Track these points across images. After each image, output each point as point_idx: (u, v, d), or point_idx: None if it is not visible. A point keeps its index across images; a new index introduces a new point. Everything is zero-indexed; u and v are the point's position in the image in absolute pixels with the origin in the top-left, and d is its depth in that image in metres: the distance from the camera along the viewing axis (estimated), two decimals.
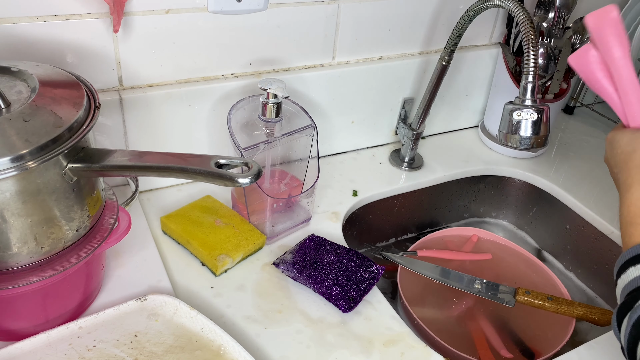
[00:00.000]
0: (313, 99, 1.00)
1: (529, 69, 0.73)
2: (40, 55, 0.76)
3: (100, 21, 0.78)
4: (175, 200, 0.93)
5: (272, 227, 0.88)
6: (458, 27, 0.89)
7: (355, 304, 0.78)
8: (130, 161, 0.60)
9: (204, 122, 0.93)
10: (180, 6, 0.82)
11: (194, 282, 0.80)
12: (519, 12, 0.74)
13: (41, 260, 0.62)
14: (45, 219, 0.60)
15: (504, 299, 0.89)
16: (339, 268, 0.83)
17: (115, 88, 0.85)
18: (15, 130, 0.55)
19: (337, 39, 0.97)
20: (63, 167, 0.59)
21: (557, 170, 1.14)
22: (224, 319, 0.75)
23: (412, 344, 0.75)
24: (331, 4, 0.93)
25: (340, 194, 1.01)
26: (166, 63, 0.86)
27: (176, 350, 0.67)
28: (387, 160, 1.11)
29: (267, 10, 0.87)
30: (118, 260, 0.80)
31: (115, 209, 0.71)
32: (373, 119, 1.10)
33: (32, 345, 0.65)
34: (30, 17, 0.74)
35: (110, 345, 0.67)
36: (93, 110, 0.63)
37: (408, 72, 1.07)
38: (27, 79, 0.63)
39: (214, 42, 0.87)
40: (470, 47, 1.12)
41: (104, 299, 0.74)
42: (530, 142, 0.74)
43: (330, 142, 1.08)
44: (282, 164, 0.94)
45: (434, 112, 1.14)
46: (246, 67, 0.92)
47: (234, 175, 0.57)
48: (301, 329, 0.75)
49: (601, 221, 1.02)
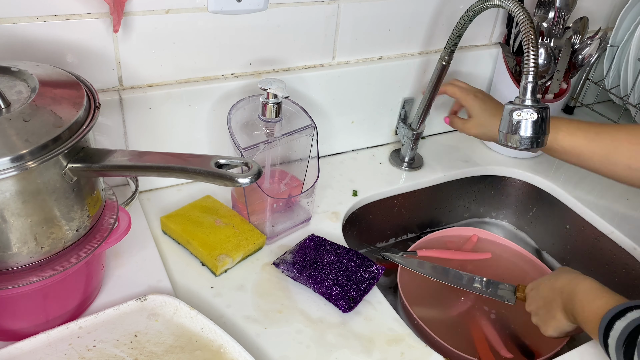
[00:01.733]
0: (313, 99, 1.00)
1: (529, 69, 0.72)
2: (40, 55, 0.76)
3: (100, 21, 0.78)
4: (175, 200, 0.93)
5: (272, 227, 0.88)
6: (458, 27, 0.89)
7: (355, 304, 0.78)
8: (130, 161, 0.60)
9: (204, 122, 0.93)
10: (180, 6, 0.82)
11: (194, 282, 0.80)
12: (519, 12, 0.74)
13: (41, 260, 0.62)
14: (45, 219, 0.60)
15: (504, 297, 0.90)
16: (339, 268, 0.83)
17: (115, 88, 0.85)
18: (15, 130, 0.55)
19: (337, 39, 0.97)
20: (63, 167, 0.59)
21: (557, 170, 1.14)
22: (224, 319, 0.75)
23: (412, 344, 0.75)
24: (331, 4, 0.93)
25: (340, 194, 1.01)
26: (166, 63, 0.86)
27: (176, 350, 0.67)
28: (387, 160, 1.11)
29: (267, 10, 0.87)
30: (118, 260, 0.80)
31: (115, 209, 0.71)
32: (373, 119, 1.10)
33: (32, 345, 0.65)
34: (30, 17, 0.74)
35: (110, 345, 0.67)
36: (93, 110, 0.63)
37: (408, 72, 1.07)
38: (27, 79, 0.63)
39: (214, 42, 0.87)
40: (470, 47, 1.12)
41: (104, 299, 0.74)
42: (530, 142, 0.74)
43: (330, 142, 1.08)
44: (282, 164, 0.94)
45: (434, 112, 1.14)
46: (246, 67, 0.92)
47: (234, 175, 0.57)
48: (301, 329, 0.75)
49: (601, 221, 1.02)
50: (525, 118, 0.73)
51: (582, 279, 0.75)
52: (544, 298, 0.80)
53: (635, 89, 1.20)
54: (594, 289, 0.73)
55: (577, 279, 0.76)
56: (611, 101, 1.33)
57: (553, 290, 0.79)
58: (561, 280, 0.78)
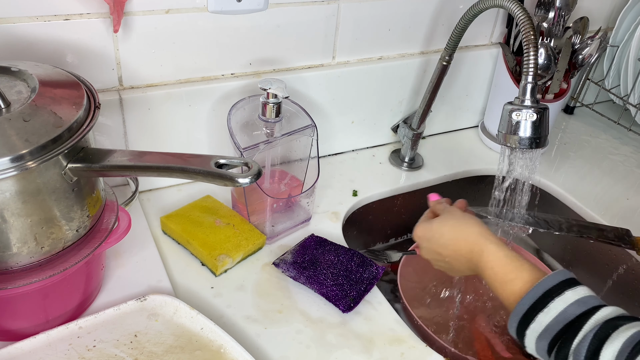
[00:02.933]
0: (313, 99, 1.00)
1: (529, 69, 0.72)
2: (40, 55, 0.76)
3: (100, 21, 0.78)
4: (175, 200, 0.93)
5: (272, 227, 0.88)
6: (458, 27, 0.89)
7: (355, 304, 0.78)
8: (130, 161, 0.60)
9: (204, 122, 0.93)
10: (180, 6, 0.82)
11: (194, 282, 0.80)
12: (519, 12, 0.74)
13: (41, 260, 0.62)
14: (45, 219, 0.60)
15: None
16: (339, 268, 0.83)
17: (115, 88, 0.85)
18: (15, 130, 0.55)
19: (337, 39, 0.97)
20: (63, 167, 0.59)
21: (557, 170, 1.14)
22: (224, 319, 0.75)
23: (412, 344, 0.75)
24: (331, 4, 0.93)
25: (340, 194, 1.01)
26: (166, 63, 0.86)
27: (176, 350, 0.67)
28: (387, 160, 1.11)
29: (267, 10, 0.87)
30: (118, 260, 0.80)
31: (115, 209, 0.71)
32: (373, 119, 1.10)
33: (32, 345, 0.65)
34: (30, 17, 0.74)
35: (110, 345, 0.67)
36: (93, 110, 0.63)
37: (408, 72, 1.07)
38: (27, 79, 0.63)
39: (214, 42, 0.87)
40: (470, 47, 1.12)
41: (104, 299, 0.74)
42: (529, 143, 0.74)
43: (330, 142, 1.08)
44: (282, 164, 0.94)
45: (434, 112, 1.14)
46: (246, 67, 0.92)
47: (234, 175, 0.57)
48: (301, 329, 0.75)
49: (601, 221, 1.02)
50: (524, 118, 0.73)
51: (484, 245, 0.70)
52: (446, 257, 0.75)
53: (635, 89, 1.20)
54: (501, 258, 0.68)
55: (479, 243, 0.71)
56: (611, 101, 1.33)
57: (457, 253, 0.74)
58: (462, 244, 0.73)
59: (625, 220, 1.01)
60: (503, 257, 0.69)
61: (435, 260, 0.78)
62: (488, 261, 0.69)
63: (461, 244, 0.73)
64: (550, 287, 0.61)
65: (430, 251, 0.78)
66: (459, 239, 0.74)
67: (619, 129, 1.26)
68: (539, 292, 0.62)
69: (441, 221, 0.77)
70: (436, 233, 0.77)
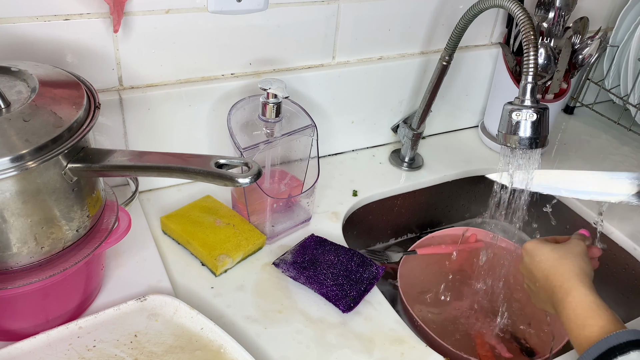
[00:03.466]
0: (313, 99, 1.00)
1: (529, 69, 0.72)
2: (40, 55, 0.76)
3: (100, 21, 0.78)
4: (175, 200, 0.93)
5: (272, 227, 0.88)
6: (458, 27, 0.89)
7: (355, 304, 0.78)
8: (130, 161, 0.60)
9: (203, 122, 0.93)
10: (180, 6, 0.82)
11: (194, 282, 0.80)
12: (519, 12, 0.74)
13: (41, 260, 0.62)
14: (45, 219, 0.60)
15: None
16: (339, 268, 0.83)
17: (115, 88, 0.85)
18: (15, 130, 0.55)
19: (337, 39, 0.97)
20: (63, 167, 0.59)
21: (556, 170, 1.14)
22: (224, 319, 0.75)
23: (412, 344, 0.75)
24: (331, 4, 0.93)
25: (340, 194, 1.01)
26: (166, 63, 0.86)
27: (176, 351, 0.67)
28: (387, 160, 1.11)
29: (267, 10, 0.87)
30: (118, 260, 0.80)
31: (115, 209, 0.71)
32: (373, 119, 1.10)
33: (32, 345, 0.65)
34: (30, 17, 0.74)
35: (110, 345, 0.67)
36: (93, 110, 0.63)
37: (408, 72, 1.07)
38: (27, 79, 0.63)
39: (214, 42, 0.87)
40: (470, 47, 1.12)
41: (104, 299, 0.74)
42: (529, 143, 0.74)
43: (330, 142, 1.08)
44: (282, 164, 0.94)
45: (434, 112, 1.14)
46: (246, 67, 0.92)
47: (234, 175, 0.57)
48: (301, 329, 0.75)
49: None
50: (524, 118, 0.73)
51: (575, 286, 0.70)
52: (536, 282, 0.76)
53: (635, 89, 1.20)
54: (585, 302, 0.67)
55: (571, 282, 0.70)
56: (611, 101, 1.33)
57: (547, 283, 0.73)
58: (556, 277, 0.72)
59: (626, 220, 1.01)
60: (588, 302, 0.67)
61: (527, 279, 0.79)
62: (572, 302, 0.68)
63: (555, 276, 0.72)
64: (615, 344, 0.60)
65: (527, 269, 0.78)
66: (556, 271, 0.73)
67: (619, 129, 1.26)
68: (602, 347, 0.61)
69: (554, 249, 0.76)
70: (542, 256, 0.76)
